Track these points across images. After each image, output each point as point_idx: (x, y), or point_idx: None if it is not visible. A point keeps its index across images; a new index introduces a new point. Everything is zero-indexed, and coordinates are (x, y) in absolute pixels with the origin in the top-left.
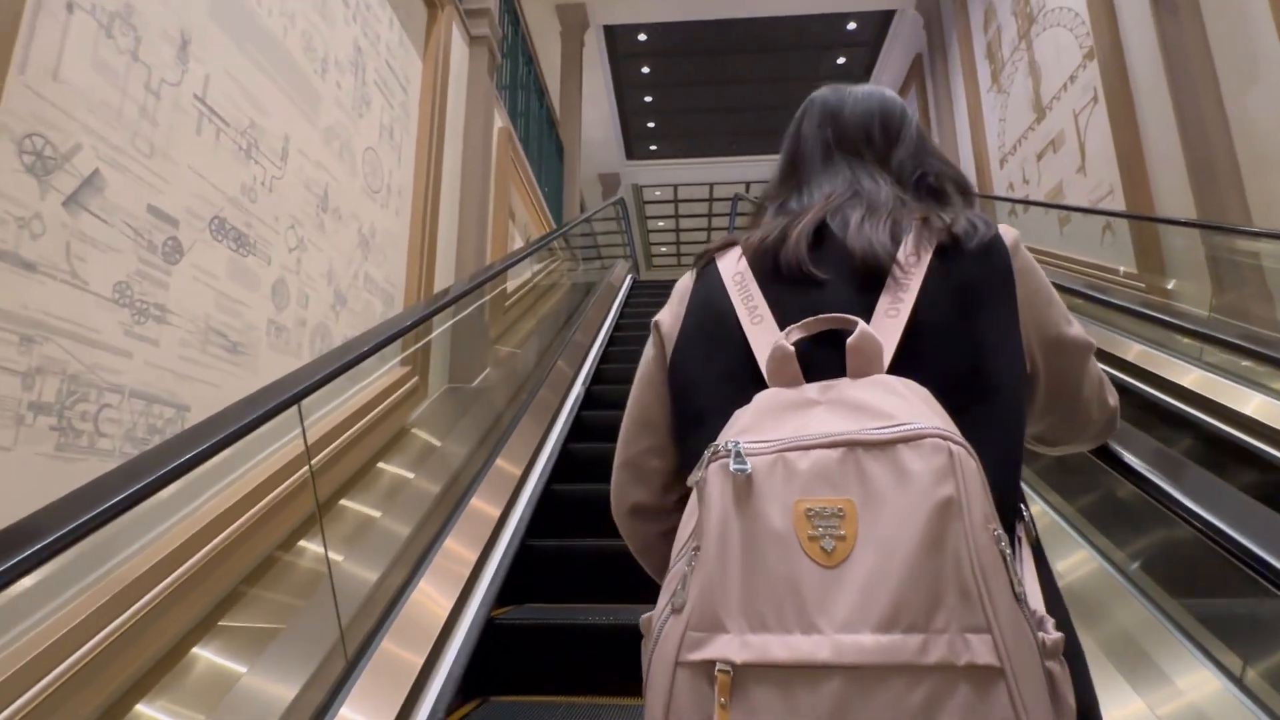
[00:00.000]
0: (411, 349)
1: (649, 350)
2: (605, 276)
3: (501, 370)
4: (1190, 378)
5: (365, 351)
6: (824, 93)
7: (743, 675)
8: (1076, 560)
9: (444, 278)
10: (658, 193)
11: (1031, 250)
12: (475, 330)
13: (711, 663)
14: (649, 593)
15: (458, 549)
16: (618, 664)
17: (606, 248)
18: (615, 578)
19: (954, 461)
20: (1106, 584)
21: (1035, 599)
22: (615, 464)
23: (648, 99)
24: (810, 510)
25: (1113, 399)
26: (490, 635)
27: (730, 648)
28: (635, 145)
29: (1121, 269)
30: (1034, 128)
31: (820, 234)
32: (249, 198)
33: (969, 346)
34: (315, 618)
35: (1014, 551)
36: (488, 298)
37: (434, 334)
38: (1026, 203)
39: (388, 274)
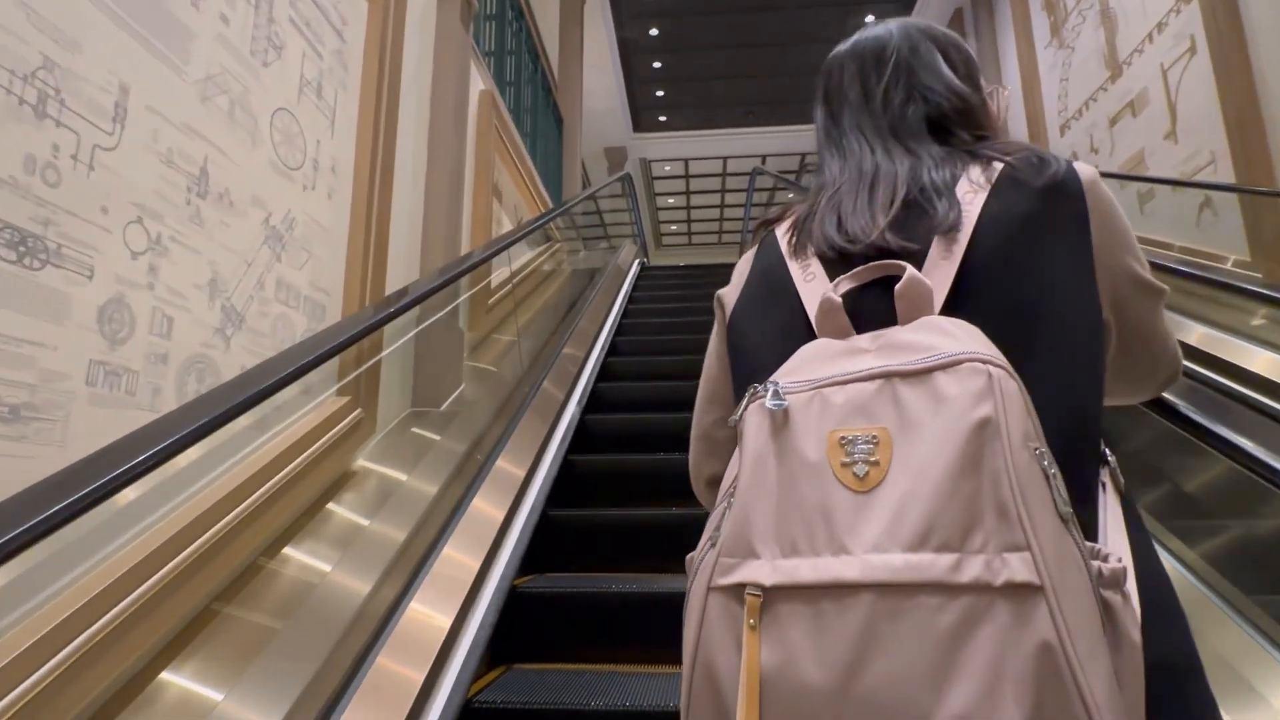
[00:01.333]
0: (354, 372)
1: (715, 326)
2: (610, 260)
3: (481, 386)
4: None
5: (263, 390)
6: (826, 60)
7: (772, 597)
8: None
9: (402, 275)
10: (667, 167)
11: None
12: (446, 339)
13: (742, 586)
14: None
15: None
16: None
17: (613, 226)
18: None
19: (992, 383)
20: (1180, 590)
21: (1108, 537)
22: (691, 438)
23: (656, 65)
24: (844, 439)
25: (1176, 346)
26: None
27: (761, 572)
28: (643, 116)
29: (1232, 257)
30: (1106, 87)
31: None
32: (44, 178)
33: (1029, 280)
34: None
35: (1101, 494)
36: (464, 297)
37: (386, 350)
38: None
39: (315, 277)
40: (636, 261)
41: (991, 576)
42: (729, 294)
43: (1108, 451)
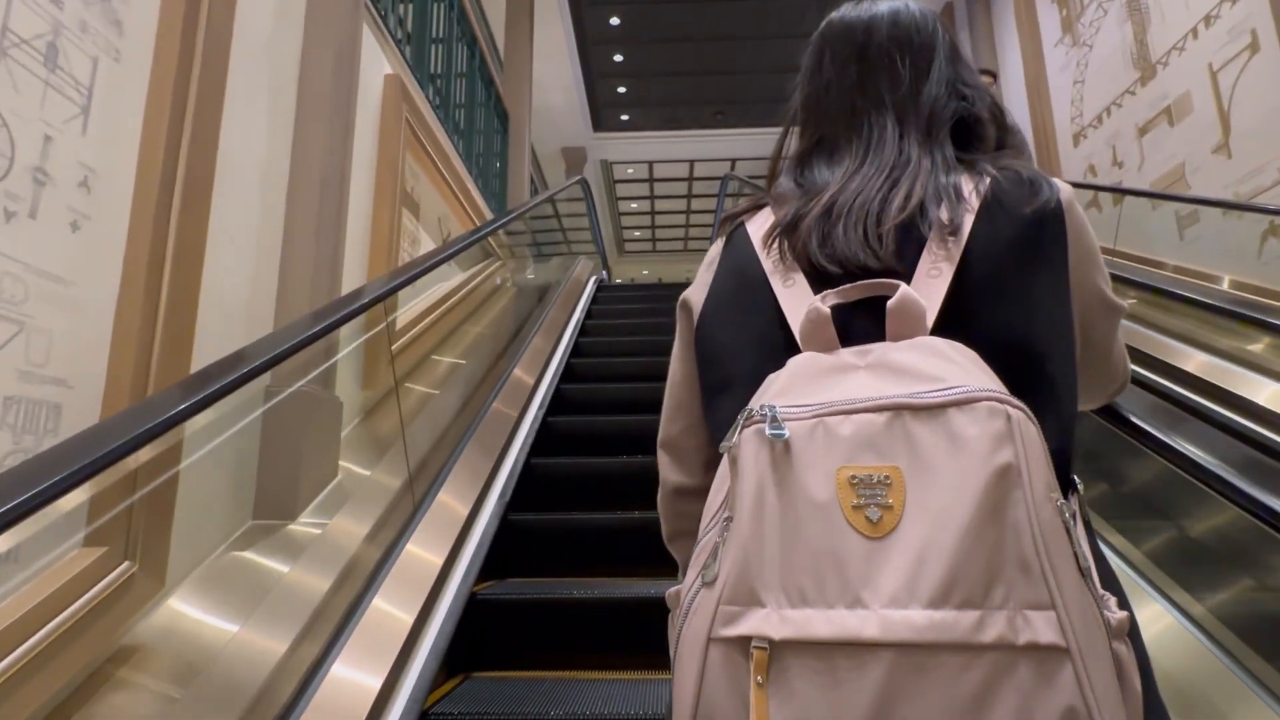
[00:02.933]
0: (127, 502)
1: (678, 329)
2: (562, 279)
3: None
4: None
5: None
6: (845, 13)
7: (781, 652)
8: (1148, 618)
9: (237, 331)
10: (630, 170)
11: (1139, 260)
12: (311, 417)
13: (747, 639)
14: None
15: None
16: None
17: (572, 232)
18: None
19: (1012, 426)
20: (1189, 649)
21: (1095, 574)
22: (657, 444)
23: (618, 58)
24: (854, 478)
25: (1128, 358)
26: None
27: (768, 623)
28: (604, 114)
29: None
30: (1135, 90)
31: (831, 214)
32: None
33: (1020, 307)
34: None
35: (1075, 523)
36: (348, 350)
37: (191, 458)
38: (1127, 192)
39: (54, 353)
40: (593, 280)
41: (1013, 635)
42: (695, 295)
43: (1075, 478)
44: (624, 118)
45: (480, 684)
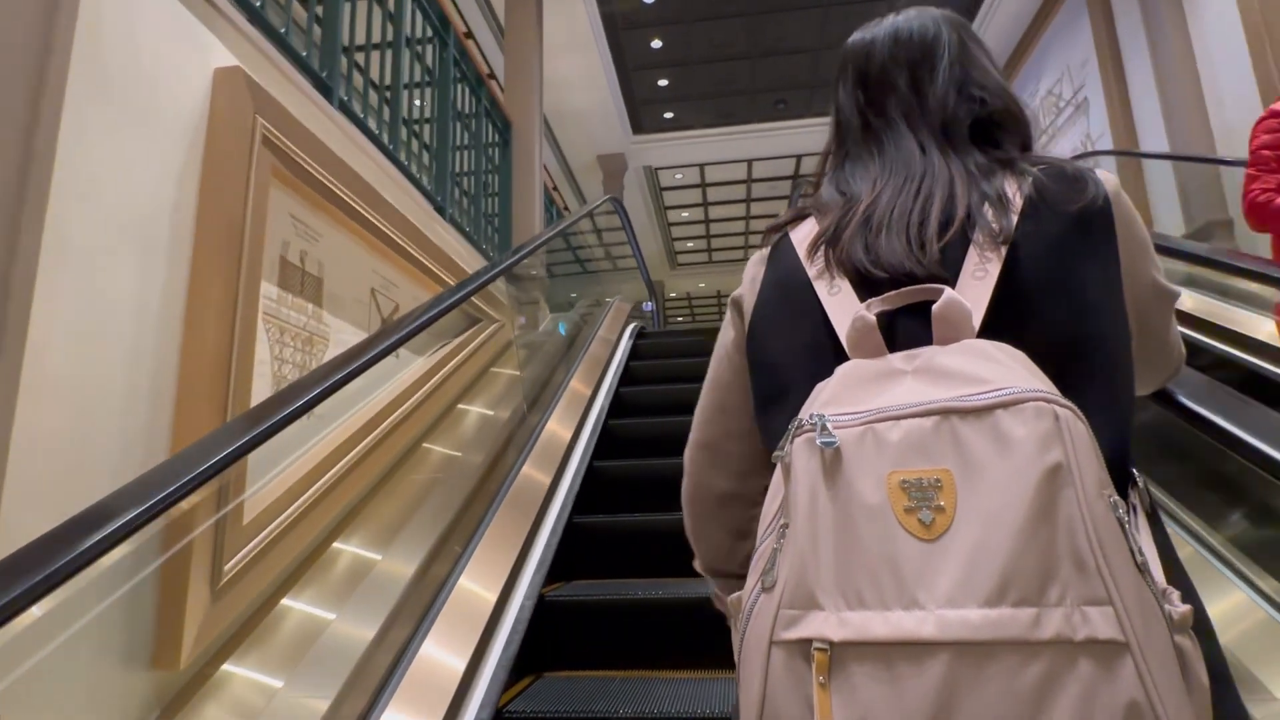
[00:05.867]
0: None
1: (726, 330)
2: (582, 342)
3: None
4: None
5: None
6: (855, 36)
7: (841, 653)
8: (1229, 607)
9: None
10: (679, 176)
11: None
12: None
13: (808, 641)
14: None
15: None
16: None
17: (613, 260)
18: None
19: (1060, 425)
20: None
21: (1157, 570)
22: (691, 443)
23: (656, 44)
24: (905, 482)
25: (1182, 344)
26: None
27: (827, 625)
28: (644, 113)
29: None
30: None
31: (870, 224)
32: None
33: (1070, 304)
34: None
35: (1132, 520)
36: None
37: None
38: None
39: None
40: (630, 333)
41: (1071, 632)
42: (746, 297)
43: (1135, 471)
44: (668, 115)
45: (551, 684)
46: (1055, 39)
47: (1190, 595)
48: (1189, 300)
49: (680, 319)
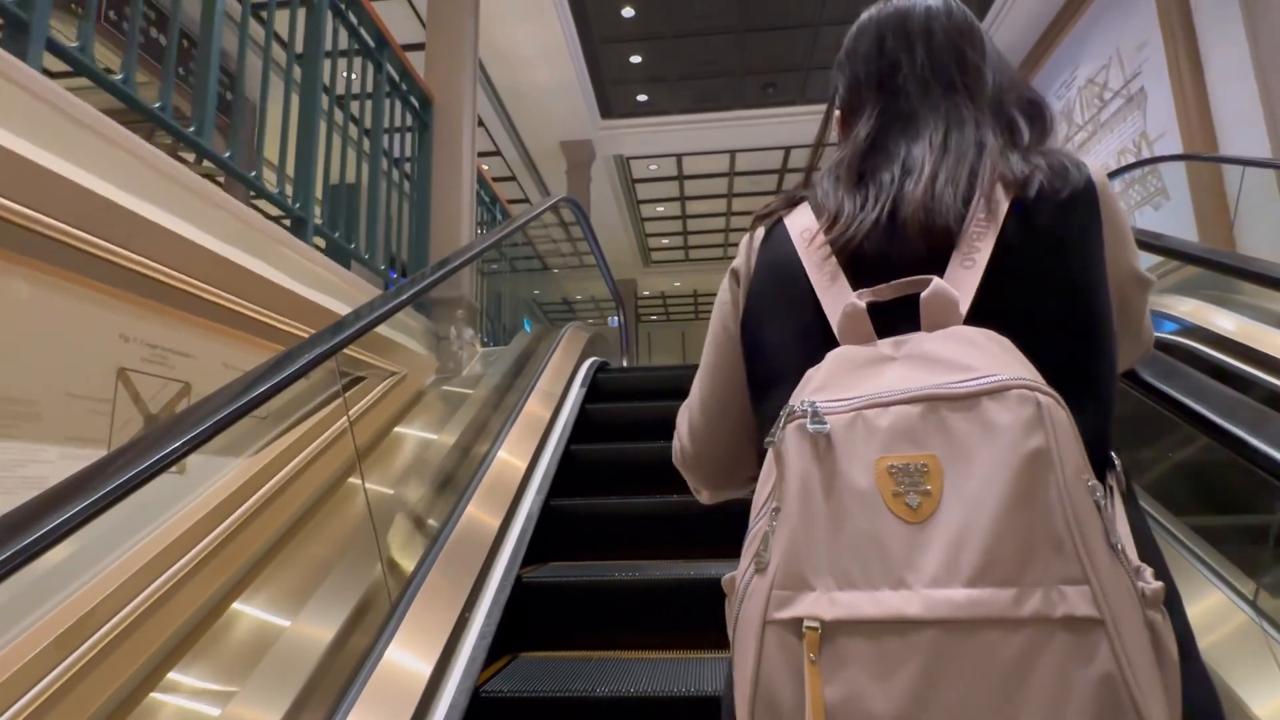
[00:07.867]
0: None
1: (724, 299)
2: (517, 402)
3: None
4: None
5: None
6: (876, 11)
7: (832, 631)
8: (1207, 608)
9: None
10: (653, 166)
11: None
12: None
13: (800, 620)
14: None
15: None
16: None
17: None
18: None
19: (1043, 412)
20: (1254, 642)
21: (1131, 550)
22: (688, 405)
23: (628, 12)
24: (893, 467)
25: (1152, 328)
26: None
27: (818, 605)
28: (614, 94)
29: None
30: None
31: (880, 216)
32: None
33: (1056, 292)
34: None
35: (1109, 502)
36: None
37: None
38: None
39: None
40: (585, 373)
41: (1050, 609)
42: (743, 272)
43: (1114, 455)
44: (641, 99)
45: (528, 663)
46: (1101, 17)
47: (1162, 572)
48: None
49: (655, 318)
